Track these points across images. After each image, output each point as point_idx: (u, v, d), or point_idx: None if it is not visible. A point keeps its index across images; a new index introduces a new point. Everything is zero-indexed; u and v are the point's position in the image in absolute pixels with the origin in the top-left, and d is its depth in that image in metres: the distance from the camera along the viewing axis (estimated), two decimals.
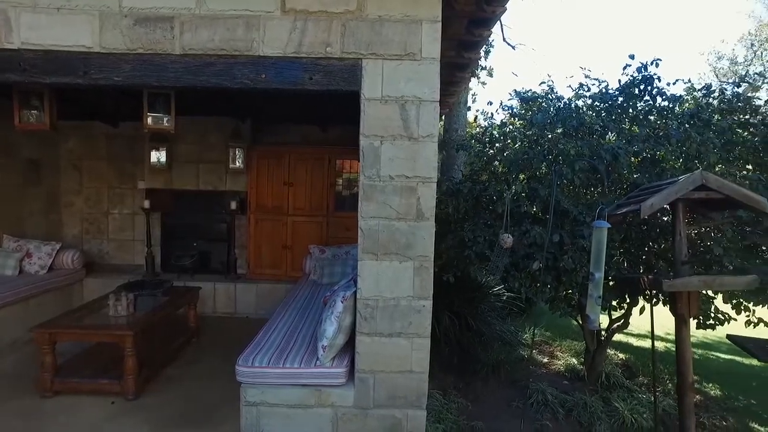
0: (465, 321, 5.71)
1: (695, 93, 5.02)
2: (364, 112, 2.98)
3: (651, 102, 4.67)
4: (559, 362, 6.06)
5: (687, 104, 4.95)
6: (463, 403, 4.47)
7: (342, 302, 3.27)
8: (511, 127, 4.90)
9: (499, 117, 8.59)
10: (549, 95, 4.83)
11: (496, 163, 4.86)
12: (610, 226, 3.03)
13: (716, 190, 3.37)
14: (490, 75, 9.20)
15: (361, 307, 3.11)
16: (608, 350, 6.68)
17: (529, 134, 4.45)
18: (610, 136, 4.63)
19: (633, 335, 7.61)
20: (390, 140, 3.01)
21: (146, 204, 6.48)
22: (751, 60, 21.88)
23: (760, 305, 4.24)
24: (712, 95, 4.79)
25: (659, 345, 7.06)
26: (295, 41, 2.92)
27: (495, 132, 4.99)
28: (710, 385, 5.69)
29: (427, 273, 3.09)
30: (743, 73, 23.40)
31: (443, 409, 4.14)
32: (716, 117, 4.62)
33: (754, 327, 4.14)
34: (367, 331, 3.12)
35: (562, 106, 4.60)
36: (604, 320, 5.34)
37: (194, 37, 2.90)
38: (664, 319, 4.30)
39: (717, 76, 24.09)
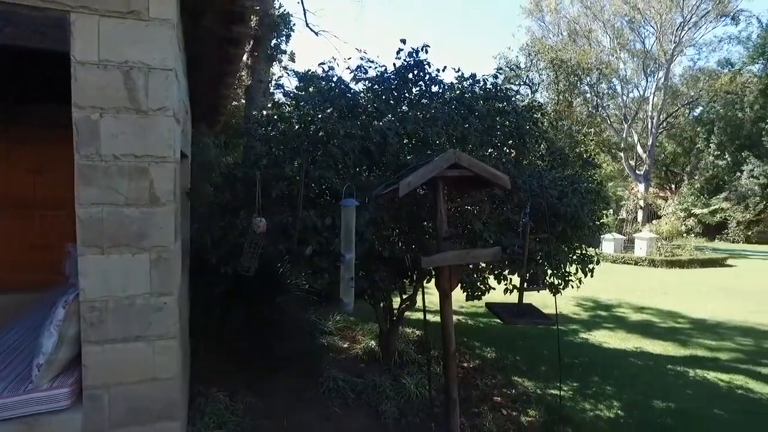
0: (260, 314, 5.38)
1: (465, 82, 5.41)
2: (77, 79, 2.44)
3: (424, 87, 4.88)
4: (359, 346, 6.18)
5: (458, 91, 5.32)
6: (252, 402, 4.20)
7: (64, 308, 2.65)
8: (288, 108, 4.65)
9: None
10: (329, 76, 4.70)
11: (273, 146, 4.57)
12: (358, 204, 2.98)
13: (468, 168, 3.59)
14: (292, 60, 8.94)
15: (86, 311, 2.58)
16: (405, 329, 7.09)
17: (300, 115, 4.25)
18: (390, 118, 4.70)
19: (431, 312, 8.16)
20: (112, 113, 2.51)
21: None
22: (529, 67, 25.97)
23: (515, 274, 4.76)
24: (477, 84, 5.21)
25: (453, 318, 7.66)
26: None
27: (272, 113, 4.69)
28: (488, 348, 6.35)
29: (167, 266, 2.67)
30: (524, 76, 27.62)
31: (226, 412, 3.81)
32: (480, 103, 5.05)
33: (510, 293, 4.62)
34: (95, 339, 2.59)
35: (332, 86, 4.50)
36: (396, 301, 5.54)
37: None
38: (458, 293, 4.56)
39: (506, 77, 27.98)
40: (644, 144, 29.73)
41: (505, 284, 4.75)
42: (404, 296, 5.36)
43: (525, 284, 4.10)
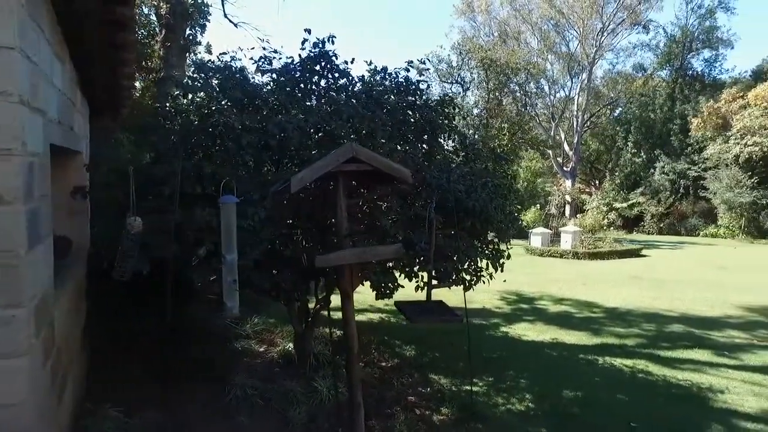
0: (166, 321, 5.02)
1: (377, 75, 5.27)
2: None
3: (332, 80, 4.70)
4: (277, 349, 5.95)
5: (370, 85, 5.17)
6: (152, 417, 3.91)
7: None
8: (185, 100, 4.31)
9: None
10: (226, 66, 4.39)
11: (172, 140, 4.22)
12: (238, 201, 2.76)
13: (367, 163, 3.44)
14: (209, 52, 8.47)
15: None
16: (326, 329, 6.90)
17: (196, 107, 3.94)
18: (294, 112, 4.47)
19: (357, 311, 8.01)
20: None
21: None
22: (460, 65, 26.55)
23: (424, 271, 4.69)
24: (388, 77, 5.08)
25: (374, 317, 7.57)
26: None
27: (169, 105, 4.33)
28: (408, 347, 6.28)
29: (15, 273, 2.29)
30: (456, 74, 28.18)
31: (118, 431, 3.51)
32: (392, 97, 4.93)
33: (422, 290, 4.54)
34: None
35: (227, 76, 4.21)
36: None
37: None
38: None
39: (439, 76, 28.44)
40: (571, 142, 31.26)
41: (416, 281, 4.66)
42: (320, 296, 5.16)
43: (433, 281, 4.02)
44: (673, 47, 34.20)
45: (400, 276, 4.60)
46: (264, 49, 4.69)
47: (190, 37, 8.32)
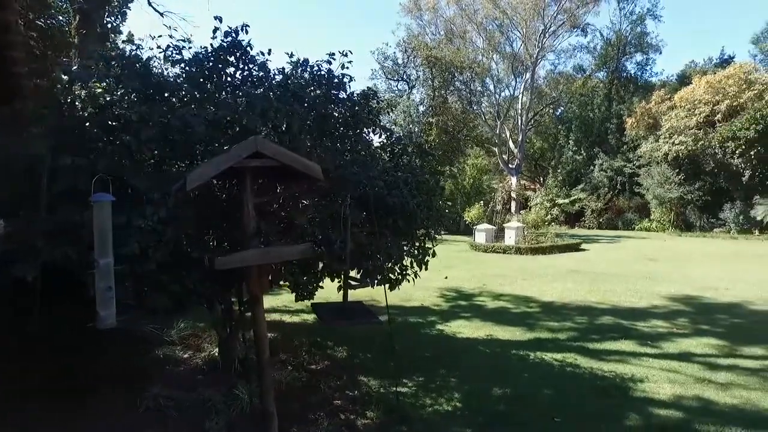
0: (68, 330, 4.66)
1: (299, 68, 5.05)
2: None
3: (247, 71, 4.44)
4: (203, 354, 5.67)
5: (291, 77, 4.94)
6: None
7: None
8: (83, 92, 3.93)
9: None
10: (126, 55, 4.05)
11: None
12: (113, 199, 2.49)
13: (272, 158, 3.23)
14: (131, 41, 7.92)
15: None
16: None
17: (92, 97, 3.59)
18: (209, 105, 4.19)
19: (290, 312, 7.77)
20: None
21: None
22: (406, 62, 26.62)
23: (353, 270, 4.53)
24: (308, 69, 4.87)
25: (309, 317, 7.34)
26: None
27: (62, 97, 3.94)
28: (341, 347, 6.10)
29: None
30: (402, 72, 28.23)
31: None
32: (316, 91, 4.72)
33: (341, 291, 4.37)
34: None
35: (125, 65, 3.88)
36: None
37: None
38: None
39: (385, 73, 28.41)
40: (516, 140, 32.10)
41: (339, 282, 4.49)
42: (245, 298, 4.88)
43: (351, 281, 3.87)
44: (609, 50, 36.00)
45: (322, 276, 4.41)
46: (170, 36, 4.35)
47: (109, 26, 7.75)
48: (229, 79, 4.43)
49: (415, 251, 4.68)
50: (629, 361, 5.71)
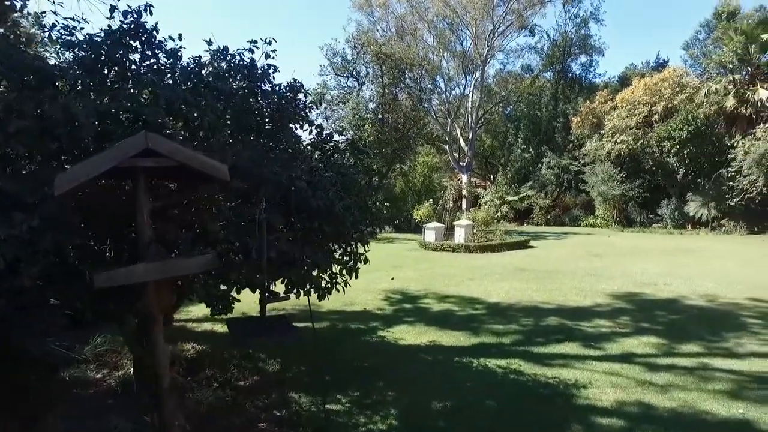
0: None
1: (219, 59, 4.54)
2: None
3: (154, 57, 3.89)
4: (119, 374, 5.18)
5: (209, 68, 4.42)
6: None
7: None
8: None
9: None
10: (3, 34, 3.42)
11: None
12: None
13: (168, 156, 2.75)
14: (39, 24, 7.05)
15: None
16: (184, 344, 6.08)
17: None
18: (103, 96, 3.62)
19: (223, 320, 7.19)
20: None
21: None
22: (355, 59, 26.20)
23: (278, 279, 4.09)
24: (227, 59, 4.37)
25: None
26: None
27: None
28: (273, 360, 5.65)
29: None
30: (352, 69, 27.76)
31: None
32: (234, 82, 4.24)
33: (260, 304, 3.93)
34: None
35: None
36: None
37: None
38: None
39: (334, 69, 27.83)
40: (466, 138, 32.34)
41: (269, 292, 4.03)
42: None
43: (270, 293, 3.43)
44: (555, 51, 37.00)
45: (238, 288, 3.93)
46: (55, 13, 3.74)
47: (10, 4, 6.84)
48: (133, 67, 3.87)
49: (346, 258, 4.29)
50: (573, 365, 5.57)
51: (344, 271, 4.25)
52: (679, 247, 17.63)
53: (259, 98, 4.34)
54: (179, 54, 4.08)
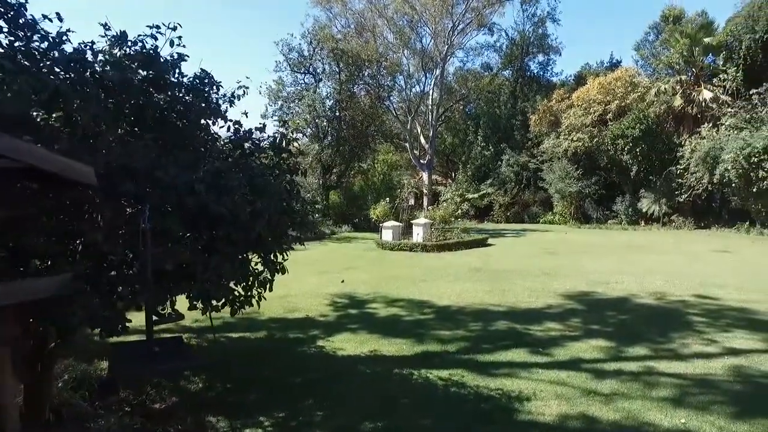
0: None
1: (118, 47, 3.98)
2: None
3: (24, 39, 3.33)
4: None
5: (106, 57, 3.87)
6: None
7: None
8: None
9: None
10: None
11: None
12: None
13: (10, 157, 2.25)
14: None
15: None
16: (91, 366, 5.47)
17: None
18: None
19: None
20: None
21: None
22: (312, 55, 25.52)
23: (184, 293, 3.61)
24: (126, 46, 3.83)
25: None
26: None
27: None
28: (198, 377, 5.13)
29: None
30: (308, 65, 27.07)
31: None
32: (131, 72, 3.71)
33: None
34: None
35: None
36: None
37: None
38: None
39: (290, 65, 27.07)
40: (427, 135, 32.15)
41: (163, 310, 3.55)
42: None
43: (155, 315, 2.95)
44: (514, 50, 37.35)
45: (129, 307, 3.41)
46: None
47: None
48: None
49: (258, 269, 3.83)
50: (519, 375, 5.30)
51: (256, 283, 3.80)
52: (632, 243, 17.94)
53: (161, 91, 3.82)
54: (64, 38, 3.53)
